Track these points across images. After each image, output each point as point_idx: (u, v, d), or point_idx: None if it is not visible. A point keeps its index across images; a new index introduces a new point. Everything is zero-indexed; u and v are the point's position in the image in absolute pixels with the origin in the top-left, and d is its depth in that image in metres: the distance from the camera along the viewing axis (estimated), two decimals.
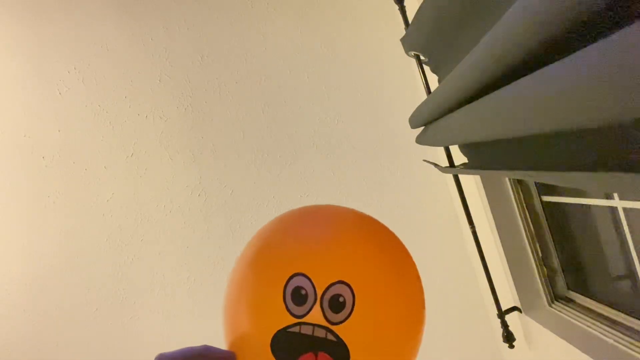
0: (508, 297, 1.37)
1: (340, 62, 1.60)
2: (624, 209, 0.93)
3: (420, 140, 1.21)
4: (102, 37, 1.45)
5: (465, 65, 0.66)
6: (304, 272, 0.47)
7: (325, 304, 0.45)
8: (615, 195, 0.93)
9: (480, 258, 1.30)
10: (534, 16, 0.40)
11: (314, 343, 0.44)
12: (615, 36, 0.28)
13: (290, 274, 0.47)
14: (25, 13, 1.41)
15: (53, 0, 1.42)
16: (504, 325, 1.31)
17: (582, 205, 1.10)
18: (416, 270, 0.56)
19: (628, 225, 0.93)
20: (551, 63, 0.38)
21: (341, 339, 0.44)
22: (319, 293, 0.46)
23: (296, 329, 0.44)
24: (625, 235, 0.95)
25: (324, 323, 0.45)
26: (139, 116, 1.46)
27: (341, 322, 0.45)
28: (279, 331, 0.44)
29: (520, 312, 1.32)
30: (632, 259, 0.95)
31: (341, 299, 0.46)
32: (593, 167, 0.52)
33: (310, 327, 0.44)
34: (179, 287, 1.46)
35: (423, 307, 0.54)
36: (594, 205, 1.06)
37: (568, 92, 0.35)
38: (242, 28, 1.55)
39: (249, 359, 0.46)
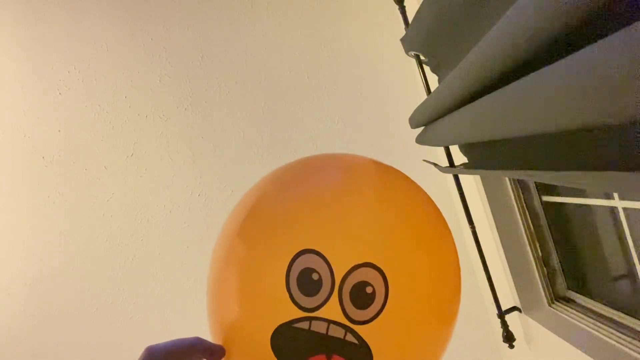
0: (508, 297, 1.37)
1: (340, 62, 1.60)
2: (624, 209, 0.93)
3: (420, 140, 1.21)
4: (102, 37, 1.45)
5: (465, 65, 0.66)
6: (316, 248, 0.34)
7: (346, 295, 0.33)
8: (615, 195, 0.92)
9: (480, 258, 1.30)
10: (534, 16, 0.40)
11: (327, 343, 0.33)
12: (616, 36, 0.28)
13: (297, 251, 0.34)
14: (25, 13, 1.40)
15: (53, 0, 1.42)
16: (504, 325, 1.31)
17: (582, 205, 1.10)
18: (453, 242, 0.42)
19: (628, 225, 0.93)
20: (551, 63, 0.38)
21: (364, 341, 0.33)
22: (338, 279, 0.33)
23: (304, 325, 0.33)
24: (625, 235, 0.95)
25: (344, 321, 0.33)
26: (139, 116, 1.46)
27: (367, 321, 0.33)
28: (281, 325, 0.34)
29: (520, 312, 1.32)
30: (632, 259, 0.95)
31: (368, 289, 0.34)
32: (593, 167, 0.52)
33: (325, 323, 0.33)
34: (179, 287, 1.46)
35: (459, 296, 0.39)
36: (594, 205, 1.06)
37: (568, 92, 0.35)
38: (242, 28, 1.55)
39: (243, 356, 0.37)
